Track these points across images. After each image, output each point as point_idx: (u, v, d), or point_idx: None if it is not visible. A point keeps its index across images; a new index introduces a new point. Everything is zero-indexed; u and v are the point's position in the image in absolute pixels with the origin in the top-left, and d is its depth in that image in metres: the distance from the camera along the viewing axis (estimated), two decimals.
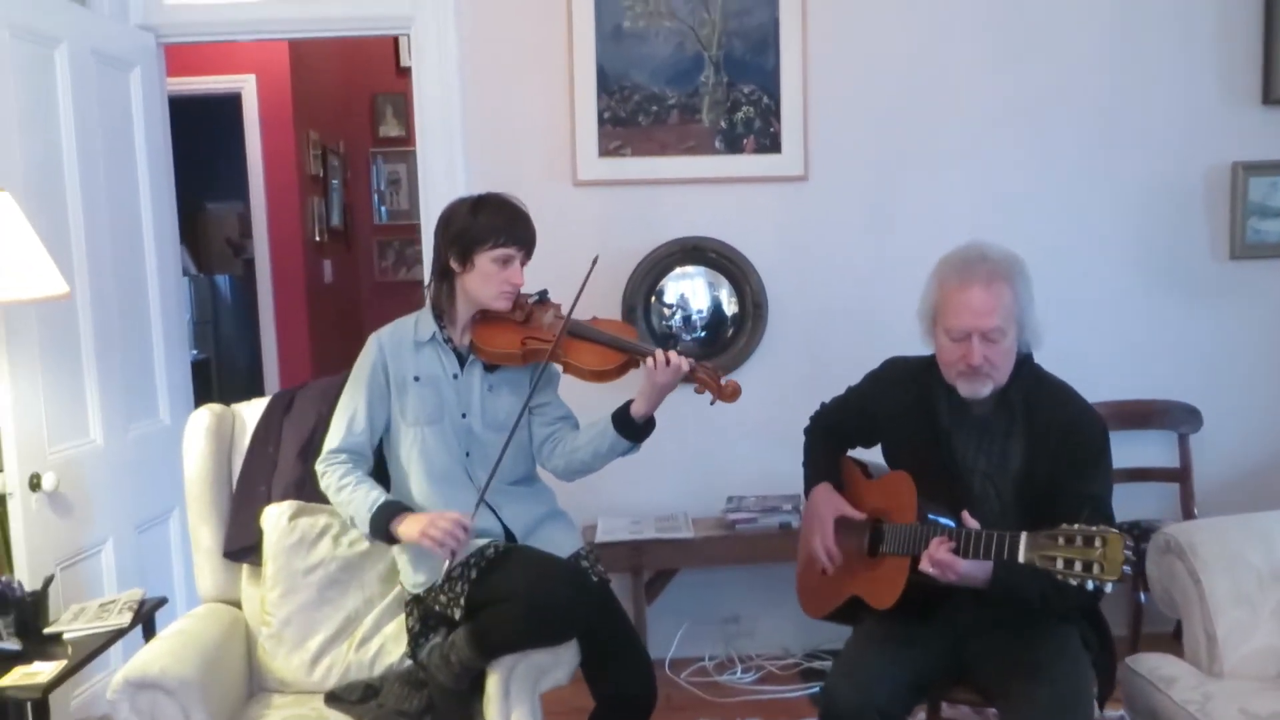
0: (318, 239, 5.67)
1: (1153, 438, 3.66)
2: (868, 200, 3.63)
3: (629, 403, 2.23)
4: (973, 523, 1.97)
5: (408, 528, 2.17)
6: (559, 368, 2.30)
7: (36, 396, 2.83)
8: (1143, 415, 3.65)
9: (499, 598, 2.11)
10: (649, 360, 2.16)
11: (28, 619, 2.39)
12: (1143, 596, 3.32)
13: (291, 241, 5.41)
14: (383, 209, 6.51)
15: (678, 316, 3.69)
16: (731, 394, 2.19)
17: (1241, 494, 3.63)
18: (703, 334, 3.69)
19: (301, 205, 5.45)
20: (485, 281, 2.23)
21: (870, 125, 3.60)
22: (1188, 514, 3.55)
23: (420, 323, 2.32)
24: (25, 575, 2.71)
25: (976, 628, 2.16)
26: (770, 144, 3.59)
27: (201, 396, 7.31)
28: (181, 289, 3.73)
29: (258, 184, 5.30)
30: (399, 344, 2.30)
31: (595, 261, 2.32)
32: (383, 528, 2.20)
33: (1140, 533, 3.33)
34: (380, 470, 2.37)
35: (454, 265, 2.25)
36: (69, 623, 2.47)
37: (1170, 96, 3.61)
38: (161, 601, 2.66)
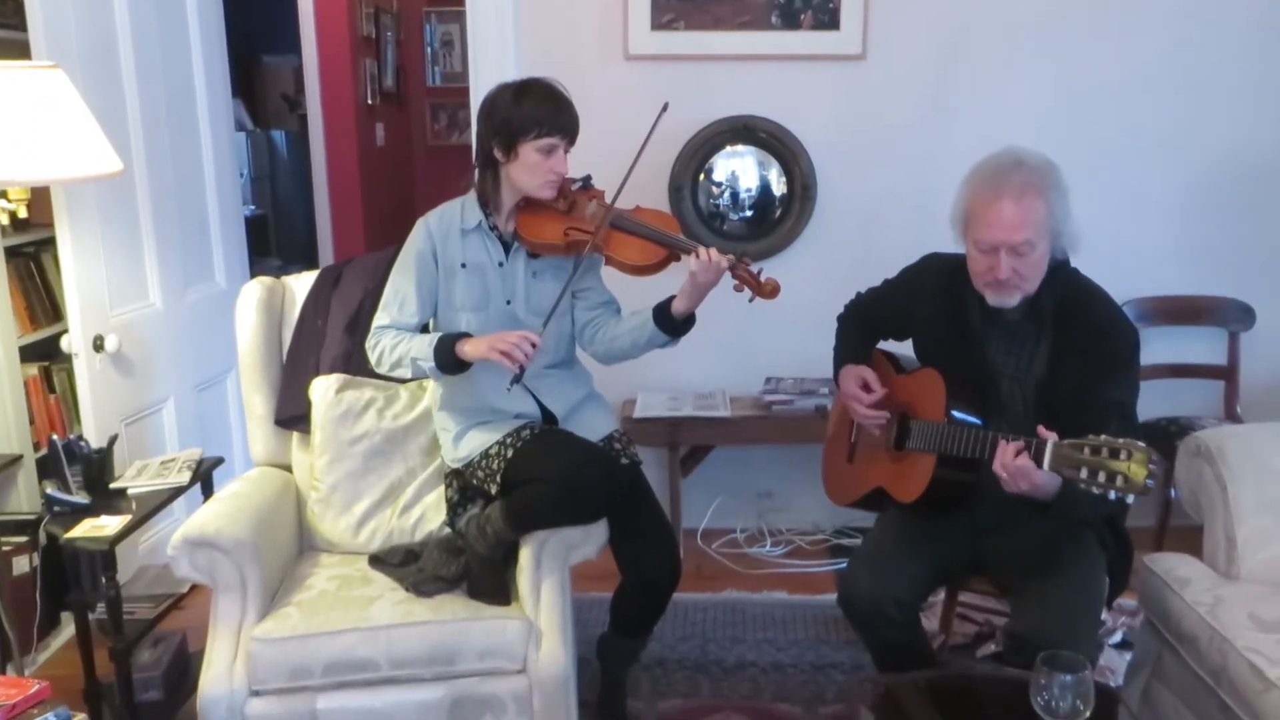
0: (370, 101, 5.65)
1: (1203, 334, 3.62)
2: (927, 85, 3.53)
3: (671, 298, 2.25)
4: (1049, 436, 1.89)
5: (474, 346, 2.19)
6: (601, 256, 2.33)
7: (98, 263, 2.94)
8: (1194, 311, 3.60)
9: (532, 477, 2.20)
10: (691, 257, 2.17)
11: (95, 474, 2.54)
12: (1174, 492, 3.34)
13: (343, 104, 5.40)
14: (436, 70, 6.44)
15: (726, 195, 3.66)
16: (771, 292, 2.20)
17: None
18: (750, 214, 3.67)
19: (354, 66, 5.41)
20: (529, 171, 2.24)
21: (934, 3, 3.47)
22: (1230, 413, 3.54)
23: (466, 210, 2.34)
24: (93, 432, 2.89)
25: (997, 525, 2.22)
26: (828, 20, 3.48)
27: (259, 252, 7.47)
28: (235, 153, 3.77)
29: (310, 45, 5.25)
30: (447, 230, 2.33)
31: (665, 109, 2.30)
32: (449, 353, 2.21)
33: (1178, 430, 3.33)
34: None
35: (498, 155, 2.25)
36: (133, 479, 2.62)
37: None
38: (218, 461, 2.80)
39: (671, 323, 2.24)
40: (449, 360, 2.21)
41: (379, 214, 5.69)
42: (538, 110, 2.20)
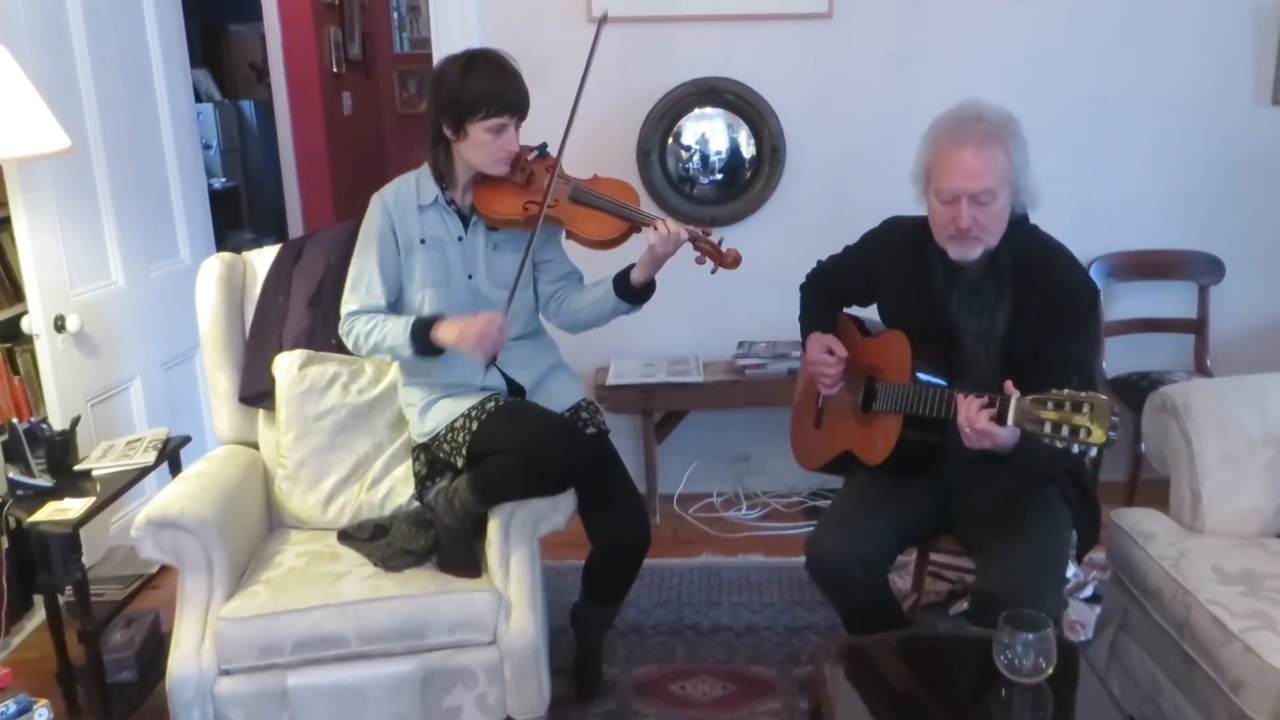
0: (335, 70, 5.56)
1: (1172, 288, 3.63)
2: (894, 42, 3.50)
3: (630, 267, 2.25)
4: (1014, 392, 1.90)
5: (446, 331, 2.19)
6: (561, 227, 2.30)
7: (56, 242, 2.89)
8: (1163, 265, 3.61)
9: (497, 449, 2.19)
10: (650, 230, 2.16)
11: (58, 456, 2.52)
12: (1144, 446, 3.37)
13: (308, 73, 5.32)
14: (404, 36, 6.35)
15: (696, 158, 3.63)
16: (733, 263, 2.20)
17: (1257, 348, 3.63)
18: (720, 177, 3.64)
19: (317, 34, 5.32)
20: (480, 150, 2.21)
21: None
22: (1200, 367, 3.56)
23: (422, 185, 2.31)
24: (57, 413, 2.86)
25: (962, 484, 2.23)
26: None
27: (231, 224, 7.37)
28: (195, 125, 3.70)
29: (272, 12, 5.16)
30: (404, 206, 2.30)
31: (605, 17, 2.29)
32: (424, 337, 2.21)
33: (1148, 384, 3.35)
34: None
35: (448, 133, 2.22)
36: (98, 460, 2.60)
37: None
38: (185, 440, 2.78)
39: (632, 291, 2.24)
40: (425, 344, 2.22)
41: (348, 184, 5.63)
42: (485, 88, 2.16)
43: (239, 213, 7.52)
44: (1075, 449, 1.79)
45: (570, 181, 2.25)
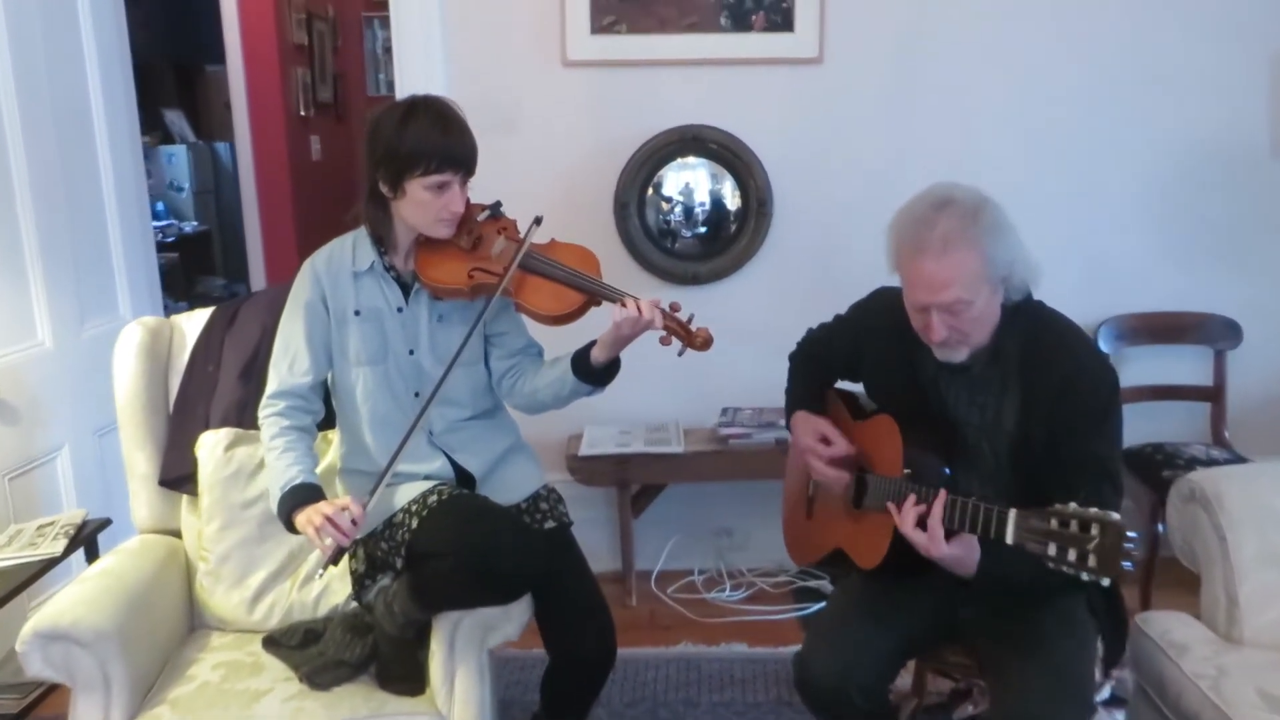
0: (303, 113, 5.33)
1: (1186, 353, 3.39)
2: (888, 88, 3.27)
3: (590, 345, 1.99)
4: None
5: (300, 518, 1.89)
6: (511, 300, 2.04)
7: None
8: (1177, 329, 3.37)
9: (438, 551, 1.91)
10: (617, 305, 1.91)
11: None
12: (1161, 526, 3.11)
13: (272, 116, 5.08)
14: (379, 78, 6.14)
15: (678, 210, 3.40)
16: (703, 344, 1.94)
17: (1278, 418, 3.38)
18: (704, 230, 3.41)
19: (283, 76, 5.09)
20: (420, 210, 1.95)
21: (894, 3, 3.22)
22: (1218, 438, 3.31)
23: (358, 249, 2.05)
24: None
25: (970, 590, 1.95)
26: (782, 21, 3.22)
27: (203, 270, 7.08)
28: (141, 171, 3.45)
29: (235, 54, 4.93)
30: (336, 273, 2.04)
31: (538, 222, 2.00)
32: (286, 515, 1.92)
33: (1164, 458, 3.11)
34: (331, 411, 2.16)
35: (385, 190, 1.97)
36: (1, 548, 2.32)
37: None
38: (103, 524, 2.50)
39: (593, 372, 1.97)
40: (285, 520, 1.93)
41: (315, 233, 5.34)
42: (424, 140, 1.90)
43: (211, 258, 7.28)
44: (1085, 577, 1.54)
45: (524, 247, 1.98)
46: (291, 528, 1.92)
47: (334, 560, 1.87)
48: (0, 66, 2.73)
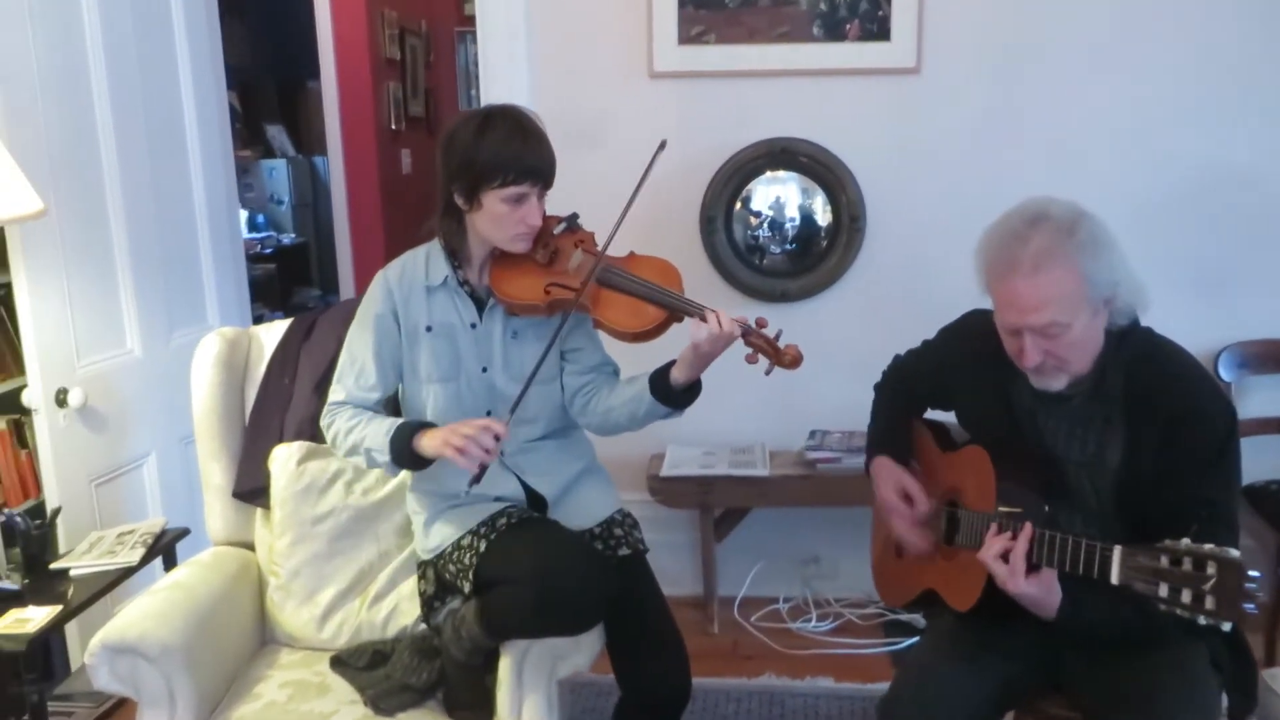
0: (394, 127, 5.38)
1: None
2: (990, 100, 3.11)
3: (671, 364, 1.89)
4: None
5: (430, 440, 1.84)
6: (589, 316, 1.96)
7: (62, 309, 2.67)
8: None
9: (507, 578, 1.84)
10: (695, 320, 1.81)
11: (34, 552, 2.25)
12: None
13: (364, 130, 5.13)
14: (471, 93, 6.17)
15: (766, 225, 3.29)
16: (791, 362, 1.82)
17: None
18: (793, 246, 3.29)
19: (375, 91, 5.14)
20: (496, 223, 1.89)
21: (997, 10, 3.06)
22: None
23: (432, 263, 2.00)
24: (56, 494, 2.62)
25: (1077, 635, 1.79)
26: (877, 30, 3.10)
27: (300, 281, 7.22)
28: (233, 182, 3.49)
29: (329, 69, 5.00)
30: (409, 287, 1.99)
31: (662, 146, 1.94)
32: (406, 447, 1.87)
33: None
34: None
35: (460, 203, 1.91)
36: (81, 555, 2.33)
37: None
38: (182, 534, 2.50)
39: (671, 394, 1.87)
40: (407, 456, 1.87)
41: (403, 245, 5.37)
42: (501, 151, 1.84)
43: (309, 269, 7.43)
44: (1202, 620, 1.39)
45: (602, 260, 1.90)
46: (415, 462, 1.87)
47: (478, 479, 1.79)
48: (96, 83, 2.78)
